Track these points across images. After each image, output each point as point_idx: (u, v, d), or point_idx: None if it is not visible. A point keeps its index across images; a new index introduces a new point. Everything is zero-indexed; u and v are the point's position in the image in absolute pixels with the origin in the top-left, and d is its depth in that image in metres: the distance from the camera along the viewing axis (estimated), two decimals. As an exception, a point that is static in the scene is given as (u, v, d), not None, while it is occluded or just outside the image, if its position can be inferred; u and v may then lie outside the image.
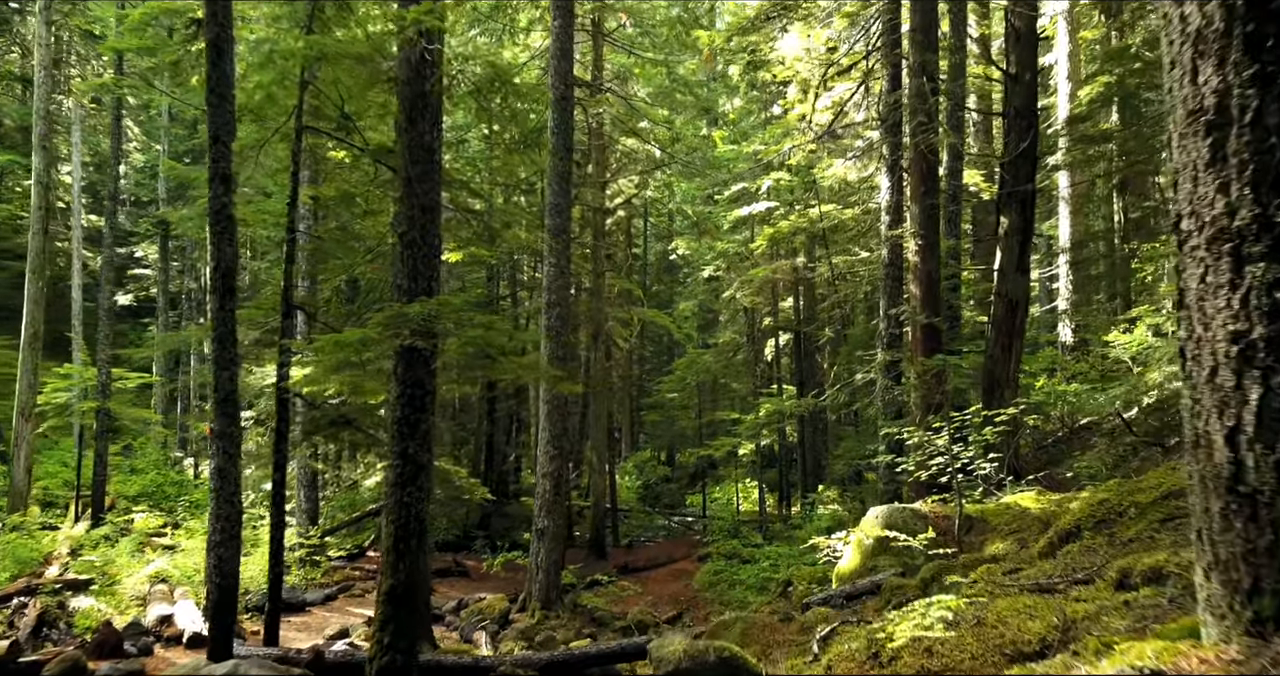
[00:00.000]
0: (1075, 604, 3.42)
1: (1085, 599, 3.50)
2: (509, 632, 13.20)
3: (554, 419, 14.55)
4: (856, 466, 19.00)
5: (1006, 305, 12.41)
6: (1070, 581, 4.21)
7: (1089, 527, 5.56)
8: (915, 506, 8.82)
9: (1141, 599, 3.19)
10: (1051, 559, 5.50)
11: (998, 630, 3.34)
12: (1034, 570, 4.91)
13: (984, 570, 5.38)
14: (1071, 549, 5.25)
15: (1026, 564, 5.37)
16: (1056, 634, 3.10)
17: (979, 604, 3.80)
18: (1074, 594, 3.77)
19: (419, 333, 6.74)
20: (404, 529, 6.82)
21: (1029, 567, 5.16)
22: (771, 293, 25.89)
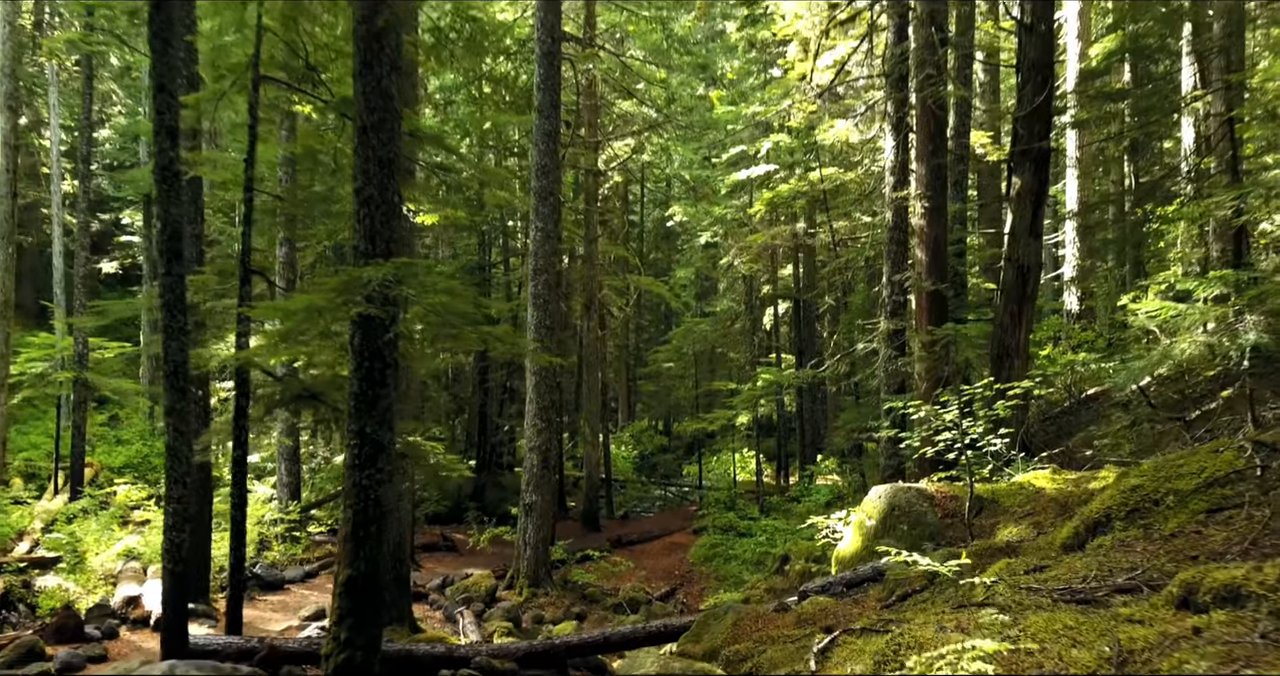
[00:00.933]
0: (1129, 626, 2.82)
1: (1139, 619, 2.89)
2: (495, 611, 12.70)
3: (542, 391, 13.94)
4: (856, 440, 18.45)
5: (1017, 271, 11.73)
6: (1111, 588, 3.60)
7: (1120, 517, 4.95)
8: (920, 486, 8.23)
9: (1216, 627, 2.59)
10: (1078, 553, 4.89)
11: (1034, 659, 2.74)
12: (1062, 569, 4.30)
13: (1003, 566, 4.77)
14: (1103, 543, 4.64)
15: (1051, 560, 4.76)
16: (1110, 669, 2.49)
17: (1007, 628, 3.18)
18: (1121, 608, 3.17)
19: (375, 299, 6.08)
20: (363, 515, 6.22)
21: (1054, 564, 4.55)
22: (771, 259, 25.17)
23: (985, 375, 11.92)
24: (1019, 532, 6.84)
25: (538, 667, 7.74)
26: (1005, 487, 8.01)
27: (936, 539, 7.62)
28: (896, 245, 12.68)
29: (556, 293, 14.56)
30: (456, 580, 14.18)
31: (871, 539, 8.06)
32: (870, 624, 4.94)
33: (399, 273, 6.02)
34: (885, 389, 12.52)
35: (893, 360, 12.35)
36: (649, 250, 43.89)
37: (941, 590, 5.91)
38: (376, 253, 6.31)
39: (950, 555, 6.43)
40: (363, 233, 6.39)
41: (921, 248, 12.21)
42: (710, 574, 16.44)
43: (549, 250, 13.98)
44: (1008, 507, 7.59)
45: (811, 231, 22.71)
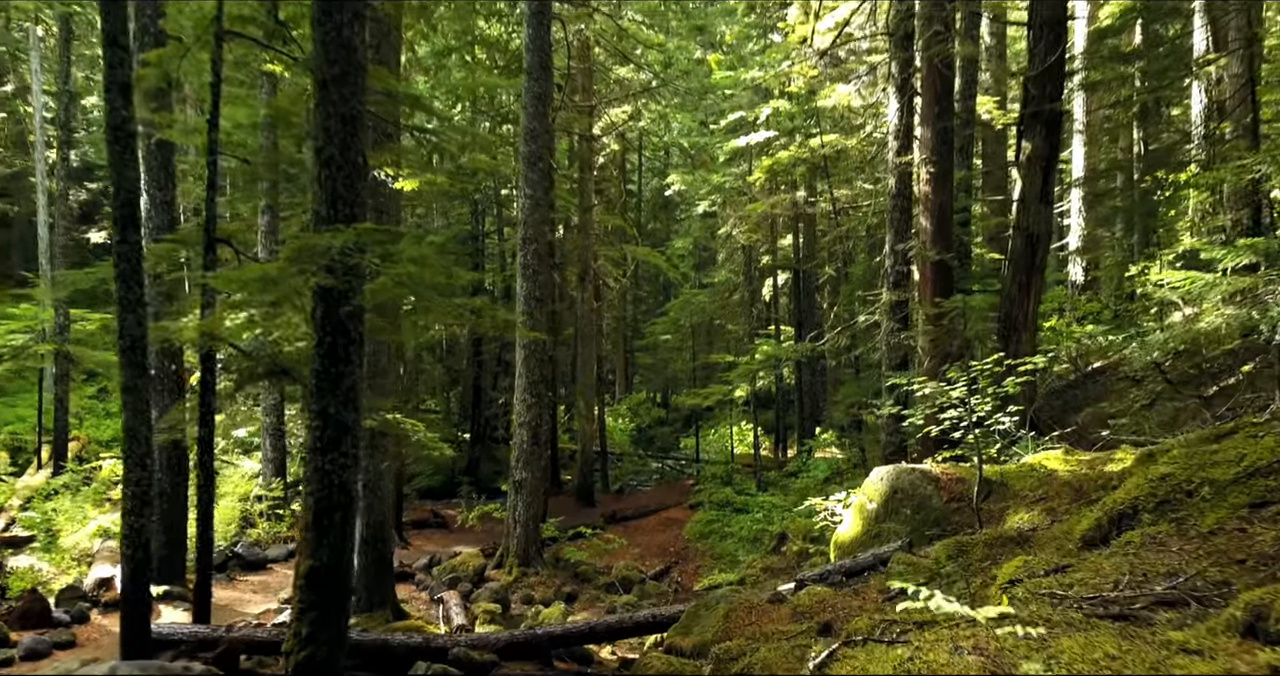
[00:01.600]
0: (1185, 659, 2.37)
1: (1196, 648, 2.44)
2: (482, 592, 12.33)
3: (531, 365, 13.47)
4: (856, 416, 18.02)
5: (1026, 239, 11.21)
6: (1151, 600, 3.14)
7: (1149, 509, 4.49)
8: (924, 467, 7.78)
9: (1300, 667, 2.16)
10: (1102, 549, 4.44)
11: (1073, 698, 2.30)
12: (1087, 570, 3.84)
13: (1019, 565, 4.31)
14: (1131, 539, 4.18)
15: (1072, 558, 4.31)
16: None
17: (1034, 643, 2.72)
18: (1171, 632, 2.71)
19: (335, 269, 5.58)
20: (326, 502, 5.77)
21: (1077, 564, 4.09)
22: (770, 229, 24.60)
23: (990, 349, 11.45)
24: (1031, 519, 6.39)
25: (520, 659, 7.35)
26: (1015, 469, 7.56)
27: (941, 524, 7.18)
28: (900, 213, 12.14)
29: (547, 263, 14.03)
30: (444, 559, 13.81)
31: (873, 523, 7.63)
32: (873, 626, 4.49)
33: (361, 240, 5.52)
34: (887, 363, 12.05)
35: (895, 333, 11.87)
36: (647, 220, 43.25)
37: (950, 585, 5.48)
38: (339, 218, 5.79)
39: (958, 546, 5.99)
40: (324, 196, 5.87)
41: (926, 215, 11.68)
42: (706, 551, 16.08)
43: (539, 218, 13.44)
44: (1018, 491, 7.15)
45: (812, 200, 22.12)
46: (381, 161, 9.79)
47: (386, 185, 10.30)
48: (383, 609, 10.46)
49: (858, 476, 16.13)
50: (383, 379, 10.48)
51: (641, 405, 36.17)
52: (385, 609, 10.49)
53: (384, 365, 10.47)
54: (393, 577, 10.79)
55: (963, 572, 5.64)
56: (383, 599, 10.51)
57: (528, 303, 13.37)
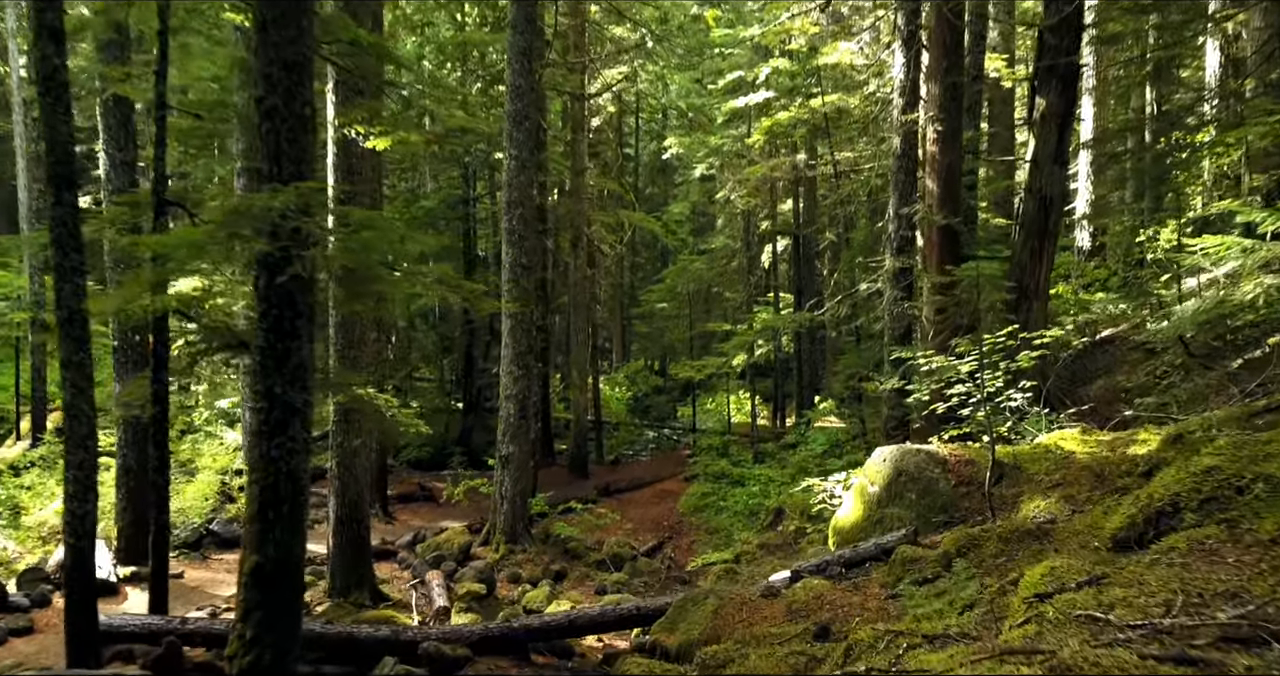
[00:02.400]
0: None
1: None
2: (467, 571, 11.85)
3: (518, 335, 12.89)
4: (857, 389, 17.45)
5: (1039, 202, 10.58)
6: (1218, 634, 2.59)
7: (1192, 508, 3.93)
8: (931, 448, 7.23)
9: None
10: (1139, 553, 3.89)
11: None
12: (1127, 585, 3.28)
13: (1045, 573, 3.76)
14: (1175, 544, 3.63)
15: (1106, 565, 3.75)
16: None
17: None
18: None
19: (275, 234, 4.98)
20: (272, 492, 5.22)
21: (1114, 573, 3.54)
22: (769, 193, 23.89)
23: (996, 319, 10.87)
24: (1048, 507, 5.85)
25: (495, 653, 6.86)
26: (1028, 450, 7.02)
27: (949, 510, 6.65)
28: (905, 175, 11.47)
29: (535, 228, 13.39)
30: (429, 535, 13.33)
31: (874, 507, 7.10)
32: (877, 638, 3.96)
33: (304, 201, 4.91)
34: (890, 332, 11.48)
35: (899, 302, 11.28)
36: (645, 184, 42.43)
37: (961, 586, 4.95)
38: (283, 176, 5.17)
39: (969, 539, 5.45)
40: (266, 152, 5.24)
41: (933, 177, 11.03)
42: (700, 525, 15.64)
43: (525, 181, 12.77)
44: (1032, 475, 6.60)
45: (812, 163, 21.38)
46: (351, 118, 9.14)
47: (358, 144, 9.65)
48: (360, 591, 9.99)
49: (857, 450, 15.64)
50: (358, 351, 9.91)
51: (639, 373, 35.64)
52: (362, 591, 10.02)
53: (358, 336, 9.89)
54: (370, 558, 10.32)
55: (975, 570, 5.11)
56: (360, 580, 10.04)
57: (513, 270, 12.75)
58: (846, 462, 14.74)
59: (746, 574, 11.87)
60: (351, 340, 9.82)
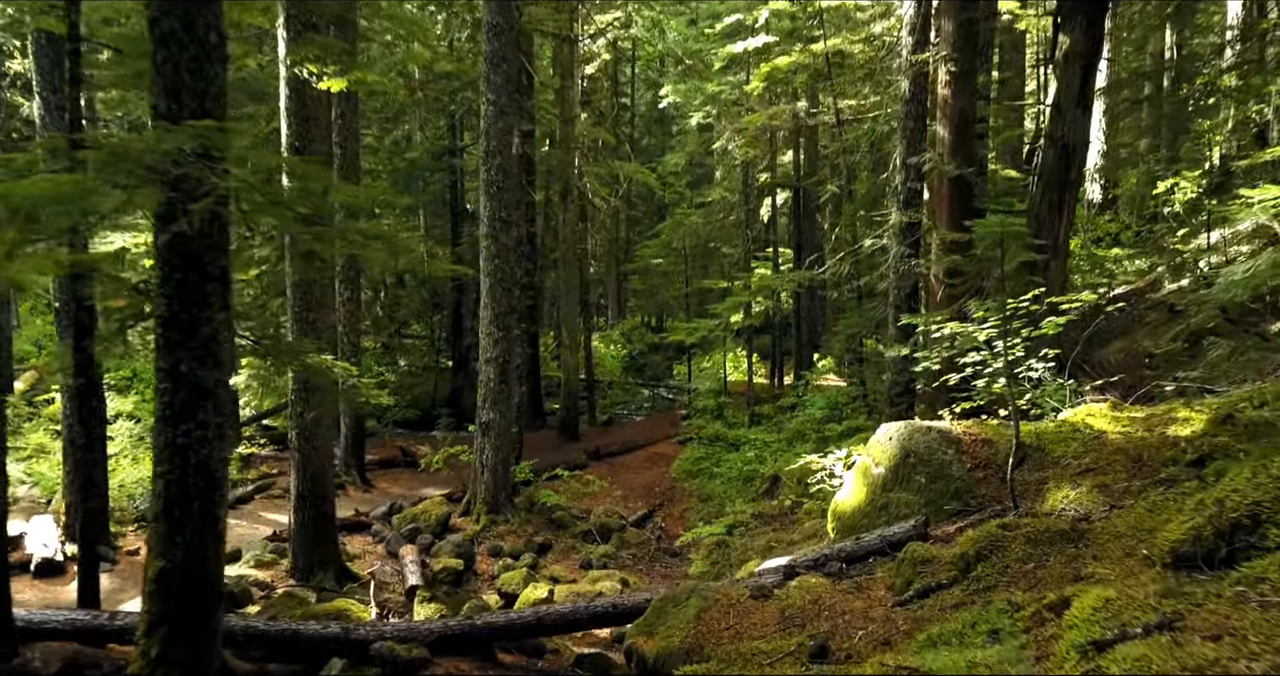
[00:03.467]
0: None
1: None
2: (444, 545, 11.22)
3: (497, 294, 12.07)
4: (858, 352, 16.71)
5: (1060, 151, 9.72)
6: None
7: (1278, 521, 3.18)
8: (942, 425, 6.47)
9: None
10: (1211, 578, 3.14)
11: None
12: (1220, 643, 2.54)
13: (1097, 605, 3.02)
14: (1265, 572, 2.88)
15: (1175, 598, 3.01)
16: None
17: None
18: None
19: (175, 182, 4.16)
20: (180, 486, 4.48)
21: (1189, 612, 2.80)
22: (769, 144, 22.86)
23: (1015, 277, 10.06)
24: (1079, 498, 5.12)
25: (456, 653, 6.18)
26: (1052, 429, 6.26)
27: (963, 497, 5.92)
28: (913, 121, 10.56)
29: (515, 179, 12.50)
30: (407, 504, 12.67)
31: (879, 491, 6.37)
32: None
33: (204, 142, 4.07)
34: (894, 292, 10.67)
35: (905, 259, 10.45)
36: (641, 135, 41.23)
37: (983, 600, 4.22)
38: (183, 114, 4.33)
39: (991, 539, 4.71)
40: (162, 86, 4.39)
41: (944, 123, 10.13)
42: (693, 492, 15.00)
43: (503, 128, 11.84)
44: (1058, 457, 5.86)
45: (813, 111, 20.34)
46: (302, 56, 8.23)
47: (314, 88, 8.75)
48: (324, 571, 9.34)
49: (857, 413, 14.93)
50: (317, 314, 9.11)
51: (634, 330, 34.86)
52: (327, 570, 9.36)
53: (316, 299, 9.09)
54: (335, 535, 9.64)
55: (999, 578, 4.38)
56: (324, 559, 9.38)
57: (492, 224, 11.89)
58: (846, 427, 14.05)
59: (739, 548, 11.24)
60: (310, 303, 9.02)
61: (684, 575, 11.22)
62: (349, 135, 13.86)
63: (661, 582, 10.96)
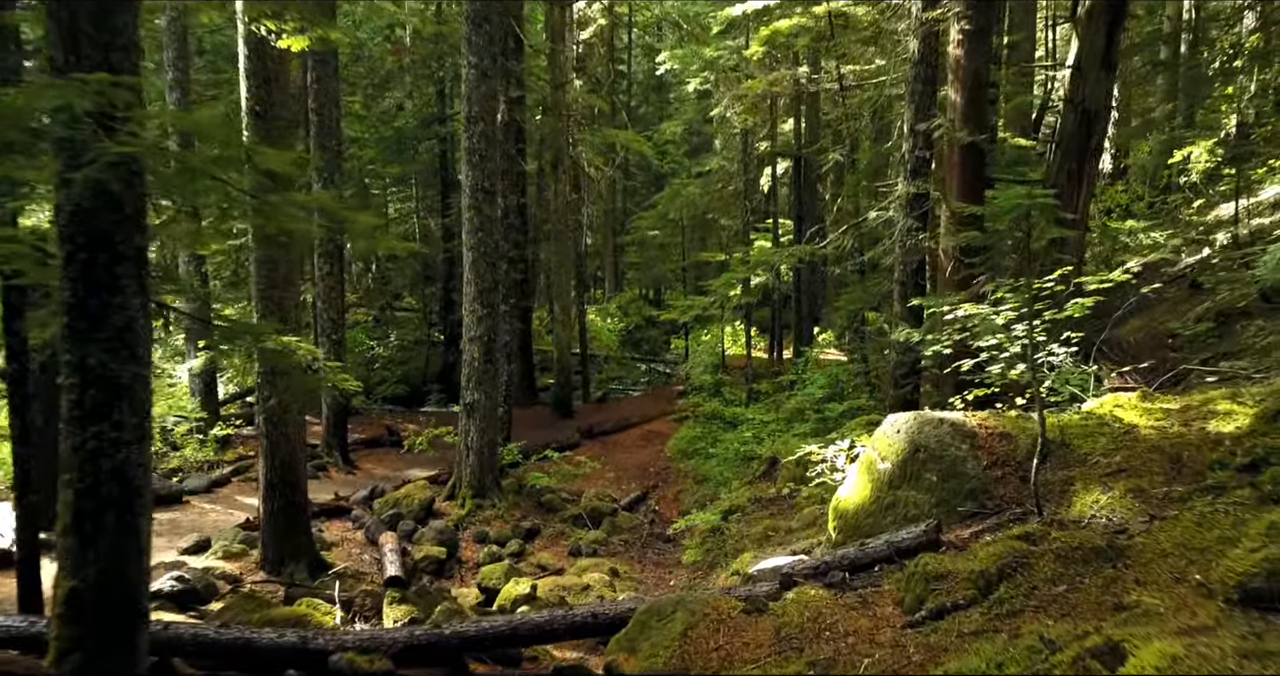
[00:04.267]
0: None
1: None
2: (427, 532, 10.72)
3: (481, 269, 11.47)
4: (860, 330, 16.13)
5: (1080, 116, 9.08)
6: None
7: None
8: (956, 417, 5.90)
9: None
10: None
11: None
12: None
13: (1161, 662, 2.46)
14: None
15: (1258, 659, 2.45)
16: None
17: None
18: None
19: (63, 146, 3.56)
20: (91, 496, 3.93)
21: None
22: (769, 111, 22.10)
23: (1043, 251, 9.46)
24: (1112, 505, 4.57)
25: (423, 664, 5.67)
26: (1077, 421, 5.70)
27: (979, 497, 5.37)
28: (922, 84, 9.88)
29: (499, 146, 11.83)
30: (389, 488, 12.15)
31: (885, 488, 5.82)
32: None
33: (102, 99, 3.45)
34: (900, 268, 10.06)
35: (912, 233, 9.83)
36: (638, 103, 40.35)
37: (1008, 621, 3.68)
38: (84, 67, 3.71)
39: (1015, 554, 4.16)
40: (58, 33, 3.77)
41: (956, 86, 9.46)
42: (689, 473, 14.50)
43: (486, 93, 11.17)
44: (1084, 455, 5.30)
45: (815, 77, 19.57)
46: (259, 12, 7.57)
47: (275, 48, 8.08)
48: (295, 562, 8.83)
49: (859, 393, 14.39)
50: (283, 292, 8.51)
51: (632, 304, 34.22)
52: (299, 562, 8.86)
53: (283, 276, 8.49)
54: (307, 525, 9.12)
55: (1025, 601, 3.84)
56: (295, 550, 8.87)
57: (475, 195, 11.26)
58: (848, 407, 13.51)
59: (734, 535, 10.73)
60: (275, 280, 8.43)
61: (677, 563, 10.75)
62: (326, 101, 13.17)
63: (653, 571, 10.49)
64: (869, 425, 10.95)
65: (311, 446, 14.32)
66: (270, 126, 8.31)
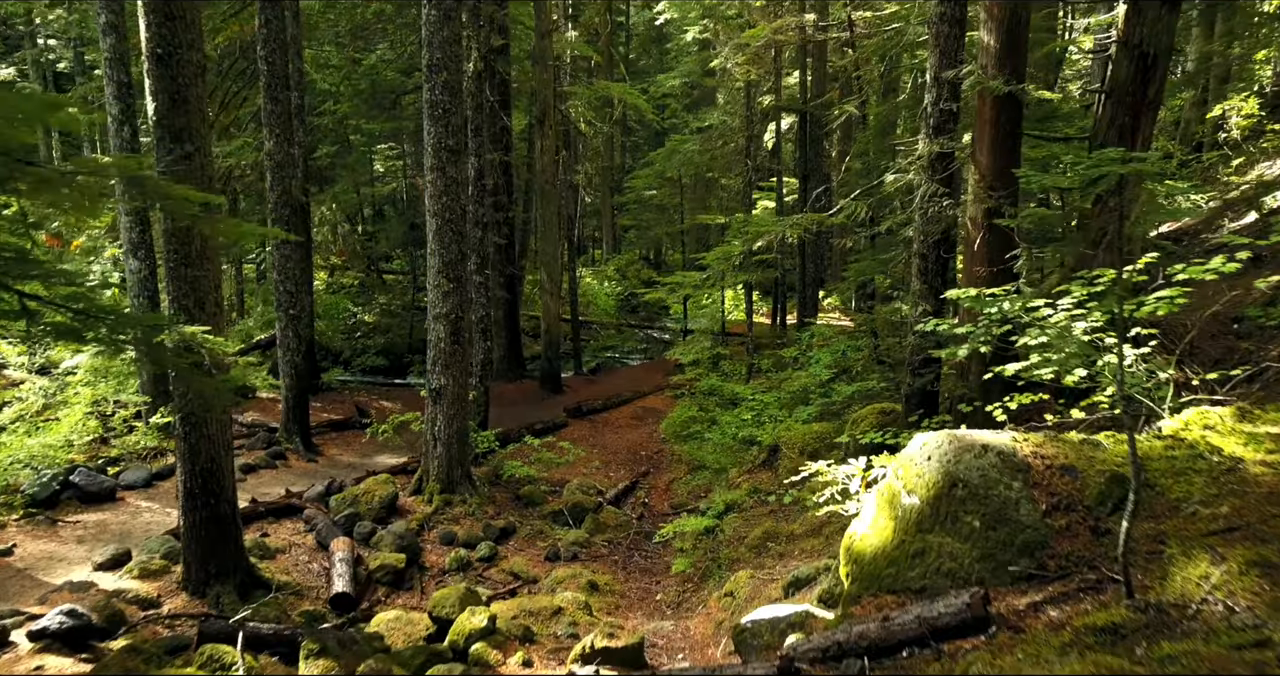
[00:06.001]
0: None
1: None
2: (386, 535, 9.58)
3: (446, 238, 10.18)
4: (870, 301, 14.84)
5: (1136, 61, 7.70)
6: None
7: None
8: (1002, 442, 4.64)
9: None
10: None
11: None
12: None
13: None
14: None
15: None
16: None
17: None
18: None
19: None
20: None
21: None
22: (773, 63, 20.54)
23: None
24: (1228, 583, 3.35)
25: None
26: (1159, 450, 4.45)
27: (1037, 554, 4.15)
28: (949, 26, 8.48)
29: (463, 99, 10.46)
30: (350, 481, 11.00)
31: (913, 532, 4.61)
32: None
33: None
34: (921, 239, 8.75)
35: (936, 198, 8.51)
36: (637, 56, 38.66)
37: None
38: None
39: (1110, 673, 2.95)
40: None
41: (991, 26, 8.07)
42: (683, 458, 13.36)
43: (449, 37, 9.78)
44: (1175, 501, 4.07)
45: (823, 24, 18.03)
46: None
47: None
48: (223, 581, 7.70)
49: (869, 374, 13.16)
50: (199, 271, 7.25)
51: (630, 266, 32.93)
52: (228, 580, 7.73)
53: (198, 251, 7.22)
54: (237, 537, 7.96)
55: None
56: (224, 568, 7.73)
57: (438, 154, 9.93)
58: (858, 389, 12.29)
59: (729, 539, 9.57)
60: (188, 255, 7.16)
61: (666, 569, 9.64)
62: (276, 47, 11.77)
63: (638, 582, 9.37)
64: (882, 418, 9.74)
65: (270, 430, 13.19)
66: (177, 73, 6.99)
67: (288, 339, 12.27)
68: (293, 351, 12.31)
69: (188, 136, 7.06)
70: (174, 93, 6.98)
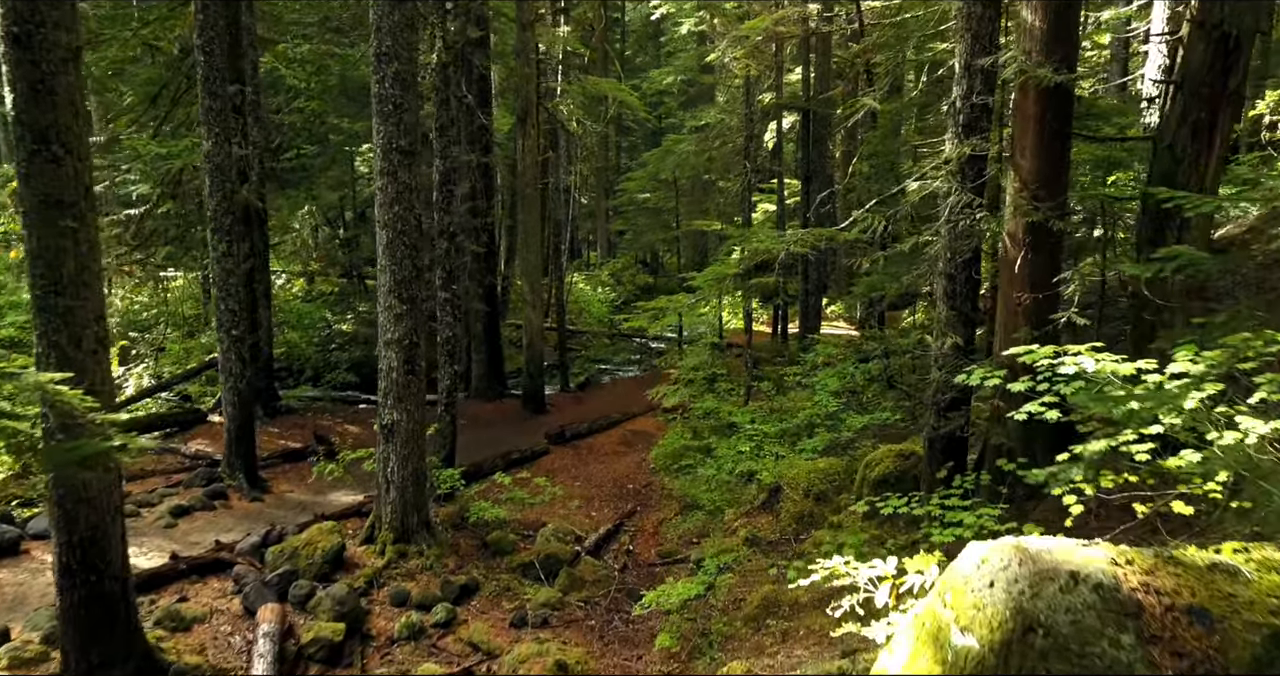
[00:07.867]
0: None
1: None
2: (325, 598, 8.24)
3: (398, 252, 8.85)
4: (881, 316, 13.52)
5: (1214, 45, 6.40)
6: None
7: None
8: (1097, 566, 3.29)
9: None
10: None
11: None
12: None
13: None
14: None
15: None
16: None
17: None
18: None
19: None
20: None
21: None
22: (774, 58, 19.22)
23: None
24: None
25: None
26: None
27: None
28: (982, 5, 7.17)
29: (416, 94, 9.13)
30: (290, 531, 9.65)
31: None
32: None
33: None
34: (947, 257, 7.44)
35: (966, 210, 7.19)
36: (633, 52, 37.40)
37: None
38: None
39: None
40: None
41: (1035, 4, 6.75)
42: (674, 493, 12.04)
43: (400, 21, 8.46)
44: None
45: (827, 15, 16.72)
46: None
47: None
48: (112, 670, 6.38)
49: (882, 400, 11.85)
50: (73, 300, 5.93)
51: (625, 271, 31.57)
52: (116, 670, 6.41)
53: (72, 275, 5.90)
54: (129, 613, 6.64)
55: None
56: (111, 654, 6.42)
57: (387, 155, 8.62)
58: (870, 421, 10.98)
59: (722, 605, 8.25)
60: (59, 281, 5.85)
61: (650, 638, 8.31)
62: (216, 35, 10.45)
63: (617, 656, 8.05)
64: (901, 463, 8.43)
65: (213, 463, 11.89)
66: (40, 57, 5.68)
67: (229, 363, 10.96)
68: (235, 377, 10.99)
69: (55, 136, 5.76)
70: (35, 81, 5.68)
